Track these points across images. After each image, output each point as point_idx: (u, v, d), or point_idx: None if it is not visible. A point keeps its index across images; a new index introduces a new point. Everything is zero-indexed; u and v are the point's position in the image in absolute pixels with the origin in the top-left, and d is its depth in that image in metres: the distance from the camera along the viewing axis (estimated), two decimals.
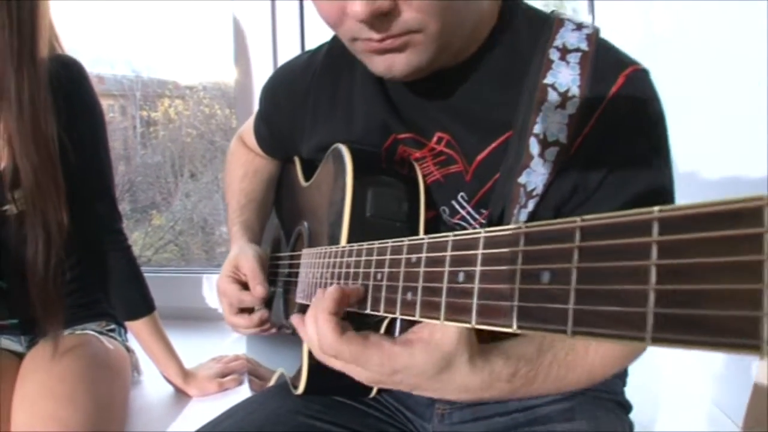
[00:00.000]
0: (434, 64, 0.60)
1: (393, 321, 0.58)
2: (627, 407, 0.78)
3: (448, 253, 0.39)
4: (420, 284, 0.42)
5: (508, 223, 0.60)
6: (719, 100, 0.99)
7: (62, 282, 1.01)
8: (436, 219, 0.68)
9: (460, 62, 0.64)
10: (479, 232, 0.36)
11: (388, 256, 0.47)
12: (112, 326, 1.16)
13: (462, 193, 0.66)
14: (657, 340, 0.23)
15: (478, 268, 0.35)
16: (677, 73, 1.10)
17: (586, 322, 0.26)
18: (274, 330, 0.86)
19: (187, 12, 3.25)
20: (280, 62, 1.45)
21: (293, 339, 0.72)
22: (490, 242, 0.35)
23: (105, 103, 4.15)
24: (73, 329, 1.09)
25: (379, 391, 0.73)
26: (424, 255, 0.42)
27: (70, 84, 1.03)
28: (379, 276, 0.48)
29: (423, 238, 0.42)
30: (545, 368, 0.56)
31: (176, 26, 3.45)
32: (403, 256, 0.44)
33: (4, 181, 0.98)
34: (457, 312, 0.37)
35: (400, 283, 0.44)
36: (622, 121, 0.59)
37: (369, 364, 0.50)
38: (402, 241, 0.45)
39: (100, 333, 1.11)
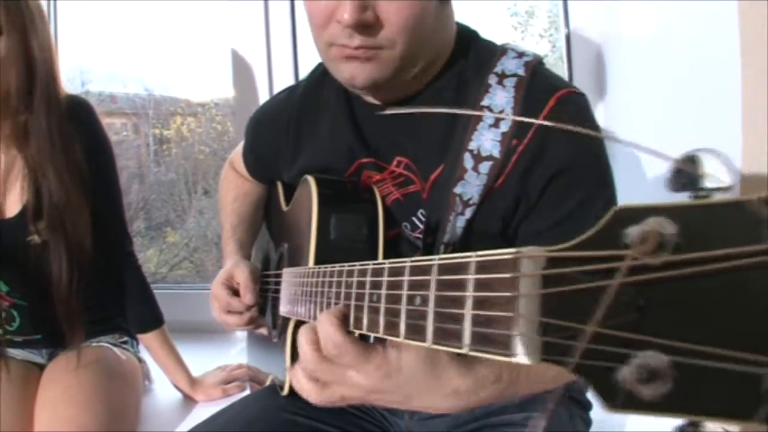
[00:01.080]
0: (392, 81, 0.74)
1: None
2: (585, 405, 0.89)
3: (406, 278, 0.45)
4: (383, 305, 0.47)
5: (444, 229, 0.73)
6: (691, 98, 1.07)
7: (82, 300, 1.16)
8: (399, 235, 0.81)
9: (418, 90, 0.78)
10: (433, 259, 0.41)
11: (355, 278, 0.55)
12: (125, 339, 1.31)
13: (421, 210, 0.79)
14: (474, 351, 0.36)
15: (471, 294, 0.37)
16: (648, 71, 1.21)
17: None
18: (263, 330, 1.00)
19: (198, 30, 3.40)
20: (275, 81, 1.62)
21: (282, 349, 0.85)
22: (443, 269, 0.40)
23: (118, 121, 4.25)
24: (89, 342, 1.24)
25: None
26: (385, 279, 0.48)
27: (83, 121, 1.19)
28: (348, 296, 0.55)
29: (384, 263, 0.48)
30: (525, 368, 0.59)
31: (187, 44, 3.60)
32: (368, 278, 0.52)
33: (28, 214, 1.13)
34: (414, 332, 0.43)
35: (366, 303, 0.50)
36: (554, 142, 0.71)
37: (368, 366, 0.52)
38: (367, 264, 0.52)
39: (114, 345, 1.27)
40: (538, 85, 0.73)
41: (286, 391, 0.83)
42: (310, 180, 0.81)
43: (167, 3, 3.37)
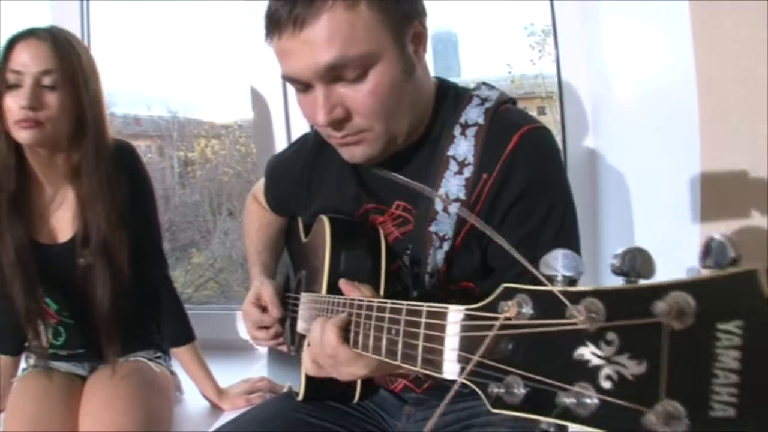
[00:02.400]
0: (385, 152, 0.92)
1: None
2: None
3: (386, 315, 0.67)
4: (372, 332, 0.70)
5: (426, 260, 0.90)
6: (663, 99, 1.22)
7: (122, 318, 1.37)
8: (400, 268, 0.97)
9: (408, 147, 0.96)
10: (402, 304, 0.63)
11: (355, 309, 0.76)
12: (159, 354, 1.51)
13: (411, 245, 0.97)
14: (423, 370, 0.58)
15: (422, 332, 0.59)
16: (629, 74, 1.37)
17: None
18: (283, 347, 1.19)
19: (221, 53, 3.60)
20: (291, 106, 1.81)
21: (298, 362, 1.04)
22: (409, 311, 0.63)
23: (143, 144, 4.48)
24: (127, 356, 1.45)
25: (361, 397, 1.04)
26: (374, 313, 0.70)
27: (128, 163, 1.41)
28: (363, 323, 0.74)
29: (373, 301, 0.71)
30: None
31: (210, 67, 3.81)
32: (363, 311, 0.73)
33: (77, 241, 1.35)
34: (390, 353, 0.65)
35: (385, 335, 0.69)
36: (515, 174, 0.87)
37: (356, 365, 0.76)
38: (362, 301, 0.75)
39: (150, 359, 1.47)
40: (498, 128, 0.89)
41: (301, 397, 1.02)
42: (325, 219, 1.00)
43: (190, 27, 3.59)
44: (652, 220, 1.28)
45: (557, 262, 0.44)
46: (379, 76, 0.84)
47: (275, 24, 0.84)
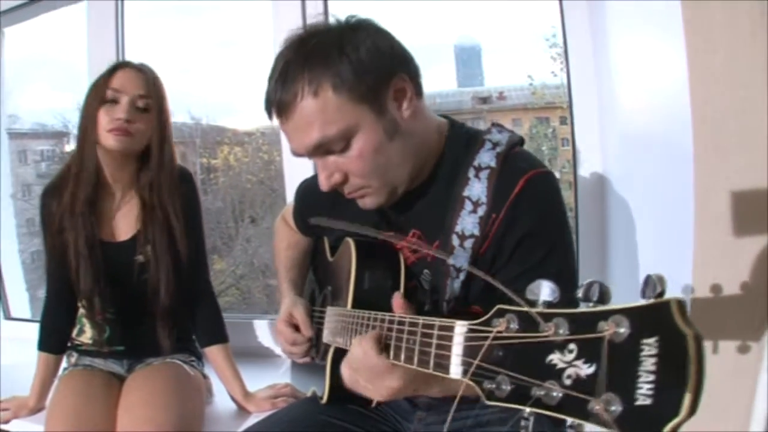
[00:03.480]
0: (393, 198, 1.07)
1: None
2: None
3: (406, 327, 0.83)
4: (393, 342, 0.86)
5: (444, 289, 1.05)
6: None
7: (175, 310, 1.61)
8: (415, 287, 1.12)
9: (421, 183, 1.10)
10: (419, 319, 0.79)
11: (378, 323, 0.92)
12: (193, 358, 1.69)
13: (426, 270, 1.11)
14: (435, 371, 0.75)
15: (434, 341, 0.75)
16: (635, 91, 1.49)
17: None
18: (308, 359, 1.35)
19: (245, 60, 3.76)
20: None
21: (322, 369, 1.19)
22: (424, 325, 0.78)
23: None
24: (164, 358, 1.63)
25: (378, 402, 1.18)
26: (395, 326, 0.86)
27: (186, 184, 1.65)
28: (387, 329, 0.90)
29: (395, 316, 0.88)
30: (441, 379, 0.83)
31: (234, 74, 3.97)
32: (406, 326, 0.86)
33: (139, 239, 1.59)
34: (408, 358, 0.81)
35: (404, 344, 0.84)
36: (521, 215, 1.01)
37: (393, 375, 0.88)
38: (385, 315, 0.91)
39: (185, 362, 1.65)
40: (508, 171, 1.03)
41: (325, 400, 1.17)
42: (351, 242, 1.15)
43: (215, 34, 3.77)
44: (652, 238, 1.42)
45: (539, 290, 0.60)
46: (362, 142, 1.00)
47: (269, 111, 1.05)
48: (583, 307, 0.55)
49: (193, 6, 3.69)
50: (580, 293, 0.55)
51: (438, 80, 3.92)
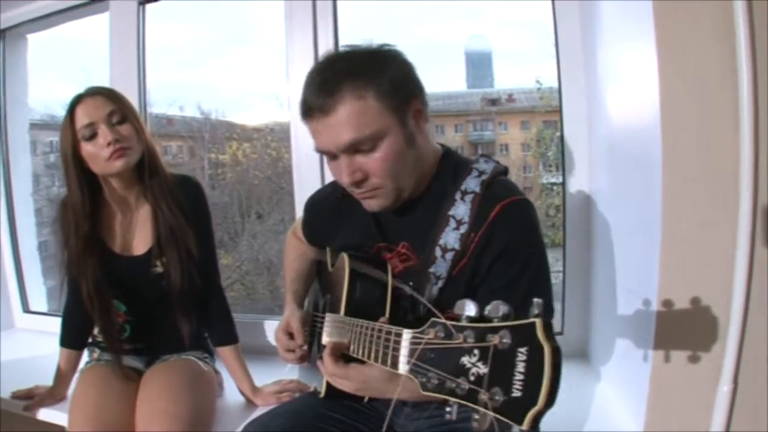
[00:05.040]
0: (395, 203, 1.28)
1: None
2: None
3: (375, 332, 1.07)
4: (368, 344, 1.09)
5: (424, 294, 1.25)
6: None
7: (192, 309, 1.80)
8: (401, 295, 1.30)
9: (413, 199, 1.31)
10: (392, 328, 1.01)
11: (362, 328, 1.14)
12: (206, 355, 1.91)
13: (410, 279, 1.30)
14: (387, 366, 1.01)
15: (391, 345, 1.00)
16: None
17: None
18: (306, 363, 1.56)
19: (255, 56, 3.89)
20: None
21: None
22: (384, 331, 1.04)
23: (174, 144, 4.79)
24: (180, 355, 1.85)
25: (370, 398, 1.37)
26: (370, 331, 1.09)
27: (190, 193, 1.82)
28: (362, 337, 1.13)
29: (371, 324, 1.10)
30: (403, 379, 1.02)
31: (244, 70, 4.11)
32: (375, 332, 1.09)
33: (153, 253, 1.76)
34: (375, 358, 1.05)
35: (373, 346, 1.08)
36: (496, 236, 1.22)
37: (351, 378, 1.16)
38: (367, 323, 1.12)
39: (198, 359, 1.86)
40: (489, 197, 1.24)
41: (322, 395, 1.37)
42: (345, 256, 1.35)
43: (226, 30, 3.90)
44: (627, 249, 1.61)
45: (463, 307, 0.82)
46: (387, 147, 1.21)
47: (308, 110, 1.23)
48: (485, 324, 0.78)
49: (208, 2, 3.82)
50: (487, 310, 0.78)
51: (447, 81, 4.06)
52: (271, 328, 2.33)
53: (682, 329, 1.34)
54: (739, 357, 1.30)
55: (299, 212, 2.17)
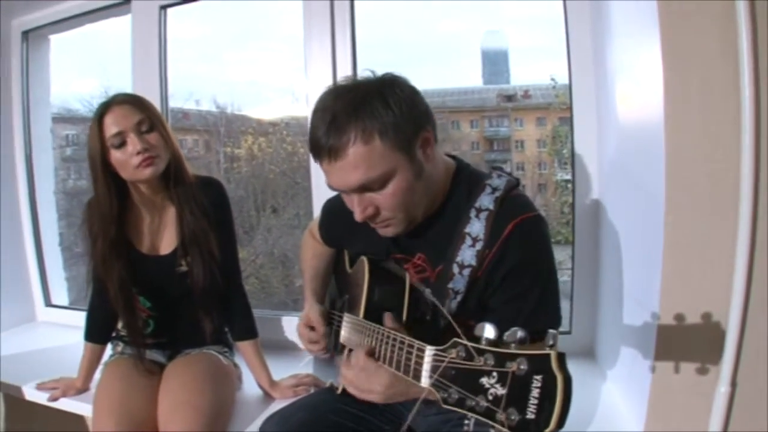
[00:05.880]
0: (409, 228, 1.35)
1: None
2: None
3: (395, 342, 1.17)
4: (402, 359, 1.14)
5: (443, 307, 1.31)
6: None
7: (215, 304, 1.90)
8: (419, 300, 1.40)
9: (429, 216, 1.39)
10: (403, 338, 1.14)
11: (382, 333, 1.23)
12: (226, 350, 2.02)
13: (428, 289, 1.37)
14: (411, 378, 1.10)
15: (414, 357, 1.09)
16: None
17: None
18: (327, 355, 1.66)
19: (271, 50, 3.95)
20: None
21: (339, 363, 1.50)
22: (405, 344, 1.13)
23: (190, 138, 4.88)
24: (201, 349, 1.96)
25: None
26: (390, 339, 1.19)
27: (213, 194, 1.92)
28: (384, 345, 1.23)
29: (391, 331, 1.21)
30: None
31: (260, 64, 4.19)
32: (397, 343, 1.17)
33: (178, 253, 1.86)
34: (398, 368, 1.15)
35: (395, 356, 1.16)
36: (509, 253, 1.29)
37: (379, 378, 1.23)
38: (385, 329, 1.23)
39: (219, 353, 1.97)
40: (503, 214, 1.30)
41: (339, 390, 1.47)
42: (365, 261, 1.45)
43: (243, 23, 3.97)
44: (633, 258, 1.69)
45: (483, 330, 0.91)
46: (397, 183, 1.26)
47: (317, 152, 1.28)
48: (505, 348, 0.87)
49: None
50: (505, 336, 0.87)
51: (463, 77, 4.12)
52: (288, 323, 2.46)
53: (683, 333, 1.40)
54: (738, 359, 1.35)
55: (316, 209, 2.30)
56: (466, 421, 0.90)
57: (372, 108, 1.22)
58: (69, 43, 3.15)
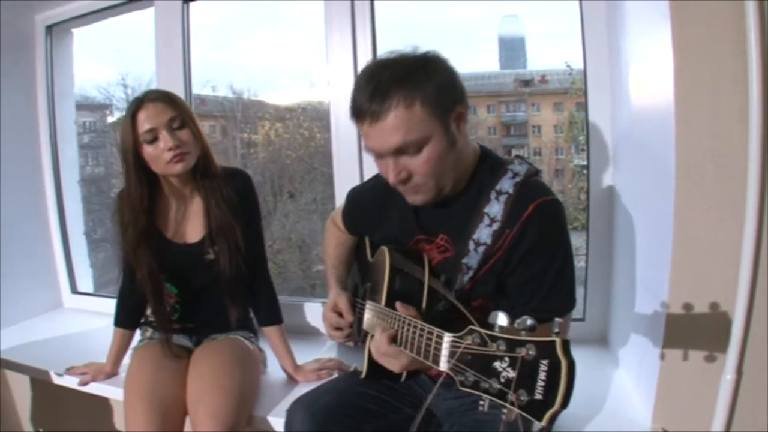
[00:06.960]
0: (436, 198, 1.45)
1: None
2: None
3: (417, 328, 1.27)
4: (423, 345, 1.24)
5: (455, 282, 1.44)
6: None
7: (241, 291, 2.01)
8: (438, 281, 1.51)
9: (452, 195, 1.48)
10: (434, 329, 1.19)
11: (402, 319, 1.33)
12: (251, 335, 2.14)
13: (446, 269, 1.49)
14: (430, 362, 1.21)
15: (433, 343, 1.19)
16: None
17: None
18: (351, 344, 1.76)
19: (288, 35, 4.00)
20: None
21: (361, 350, 1.61)
22: (425, 331, 1.23)
23: (207, 124, 4.96)
24: (227, 334, 2.08)
25: (406, 378, 1.55)
26: (408, 324, 1.30)
27: (239, 185, 2.02)
28: (405, 331, 1.32)
29: (409, 318, 1.32)
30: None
31: (276, 49, 4.23)
32: (418, 330, 1.27)
33: (206, 241, 1.96)
34: (418, 352, 1.25)
35: (416, 342, 1.26)
36: (529, 233, 1.39)
37: (399, 358, 1.33)
38: (406, 317, 1.33)
39: (244, 338, 2.09)
40: (522, 198, 1.40)
41: (364, 375, 1.58)
42: (386, 250, 1.54)
43: (260, 7, 4.01)
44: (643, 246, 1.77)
45: (496, 318, 1.00)
46: (431, 150, 1.36)
47: (359, 114, 1.38)
48: (515, 335, 0.96)
49: None
50: (516, 323, 0.96)
51: (480, 61, 4.15)
52: (310, 309, 2.58)
53: (691, 322, 1.46)
54: (743, 348, 1.43)
55: (338, 196, 2.41)
56: (481, 402, 0.99)
57: (416, 78, 1.33)
58: (92, 39, 3.25)
